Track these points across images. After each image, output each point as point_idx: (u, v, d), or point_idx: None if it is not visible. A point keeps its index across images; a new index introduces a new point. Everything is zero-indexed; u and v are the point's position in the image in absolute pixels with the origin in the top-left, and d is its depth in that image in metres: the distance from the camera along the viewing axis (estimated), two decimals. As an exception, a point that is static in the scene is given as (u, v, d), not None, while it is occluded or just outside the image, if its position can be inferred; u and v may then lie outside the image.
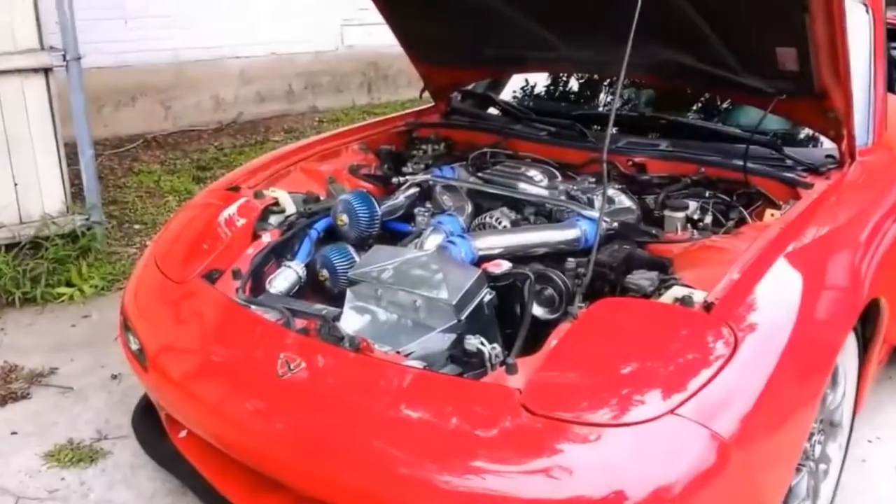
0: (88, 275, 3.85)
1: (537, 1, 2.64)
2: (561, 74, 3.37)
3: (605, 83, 3.21)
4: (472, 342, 1.92)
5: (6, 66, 3.62)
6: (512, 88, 3.44)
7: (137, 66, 5.92)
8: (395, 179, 2.81)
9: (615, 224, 2.31)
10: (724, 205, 2.42)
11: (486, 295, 2.12)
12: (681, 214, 2.32)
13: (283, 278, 2.39)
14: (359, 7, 6.70)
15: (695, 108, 3.00)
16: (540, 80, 3.45)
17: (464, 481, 1.63)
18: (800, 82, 2.30)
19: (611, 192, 2.55)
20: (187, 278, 2.34)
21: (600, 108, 3.20)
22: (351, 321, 2.17)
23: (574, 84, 3.41)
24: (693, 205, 2.36)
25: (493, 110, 3.33)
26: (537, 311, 2.15)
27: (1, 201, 3.77)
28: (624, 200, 2.52)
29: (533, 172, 2.66)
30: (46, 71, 3.72)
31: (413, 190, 2.75)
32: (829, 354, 1.95)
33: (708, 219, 2.34)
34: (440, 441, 1.71)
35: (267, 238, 2.48)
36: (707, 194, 2.44)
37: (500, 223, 2.47)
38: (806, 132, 2.70)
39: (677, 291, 1.90)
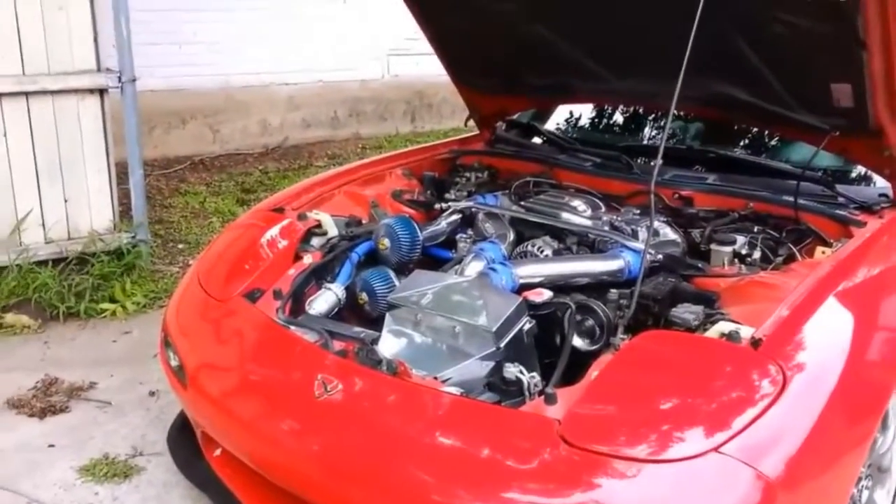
0: (132, 291, 3.91)
1: (586, 32, 2.65)
2: (606, 106, 3.37)
3: (651, 116, 3.19)
4: (511, 370, 1.89)
5: (64, 86, 3.73)
6: (556, 119, 3.45)
7: (188, 90, 6.06)
8: (437, 206, 2.82)
9: (660, 256, 2.28)
10: (772, 241, 2.37)
11: (526, 323, 2.10)
12: (728, 249, 2.28)
13: (323, 300, 2.40)
14: (406, 37, 6.79)
15: (742, 142, 2.96)
16: (585, 112, 3.44)
17: (498, 512, 1.59)
18: (854, 119, 2.26)
19: (656, 224, 2.52)
20: (229, 297, 2.36)
21: (646, 141, 3.18)
22: (389, 345, 2.16)
23: (619, 116, 3.40)
24: (741, 239, 2.32)
25: (537, 140, 3.33)
26: (578, 341, 2.12)
27: (51, 217, 3.86)
28: (669, 233, 2.48)
29: (576, 202, 2.65)
30: (102, 92, 3.83)
31: (455, 216, 2.75)
32: (880, 397, 1.89)
33: (756, 254, 2.30)
34: (474, 469, 1.68)
35: (308, 259, 2.50)
36: (755, 229, 2.39)
37: (541, 252, 2.45)
38: (858, 170, 2.64)
39: (724, 326, 1.85)
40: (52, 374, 3.21)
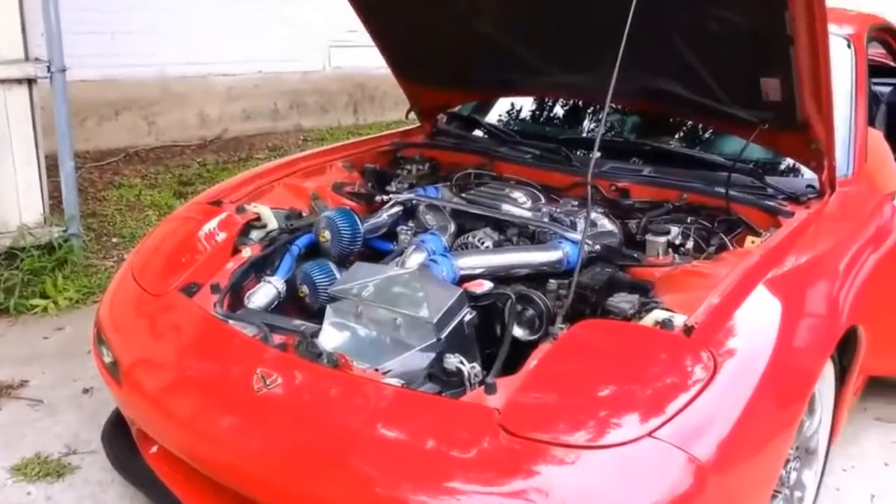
0: (63, 287, 3.79)
1: (527, 26, 2.67)
2: (547, 99, 3.40)
3: (591, 109, 3.24)
4: (452, 361, 1.90)
5: (-11, 75, 3.60)
6: (498, 112, 3.46)
7: (122, 81, 5.89)
8: (378, 198, 2.80)
9: (597, 247, 2.32)
10: (705, 231, 2.43)
11: (467, 314, 2.11)
12: (662, 239, 2.32)
13: (263, 293, 2.37)
14: (348, 29, 6.70)
15: (678, 135, 3.02)
16: (525, 105, 3.47)
17: (440, 502, 1.60)
18: (783, 113, 2.32)
19: (593, 215, 2.56)
20: (165, 291, 2.31)
21: (585, 133, 3.22)
22: (330, 338, 2.15)
23: (559, 109, 3.44)
24: (675, 230, 2.37)
25: (478, 133, 3.34)
26: (518, 331, 2.15)
27: (-22, 211, 3.72)
28: (606, 224, 2.53)
29: (517, 194, 2.67)
30: (30, 82, 3.69)
31: (396, 209, 2.75)
32: (807, 381, 1.96)
33: (689, 244, 2.35)
34: (417, 460, 1.69)
35: (247, 253, 2.46)
36: (689, 220, 2.45)
37: (482, 243, 2.47)
38: (787, 162, 2.72)
39: (658, 315, 1.90)
40: (-20, 372, 3.10)
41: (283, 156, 6.22)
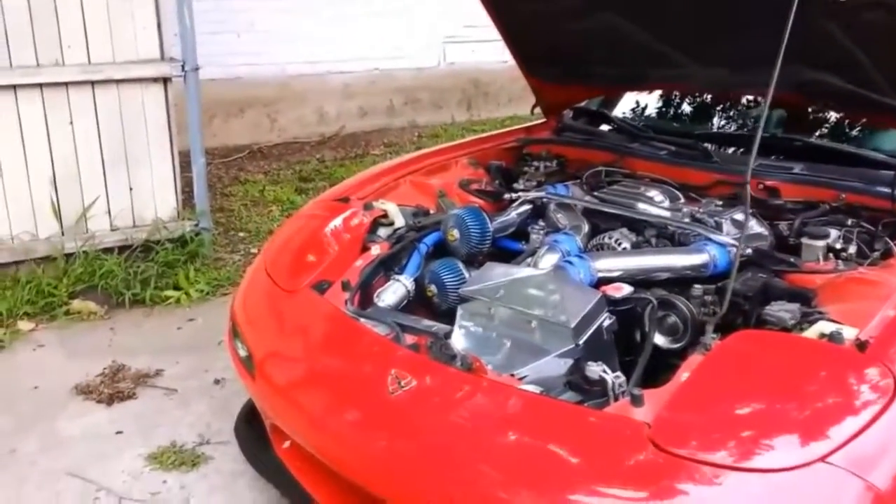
0: (195, 279, 3.93)
1: (660, 17, 2.53)
2: (674, 94, 3.23)
3: (720, 105, 3.05)
4: (594, 369, 1.80)
5: (128, 75, 3.75)
6: (623, 108, 3.33)
7: (246, 79, 6.09)
8: (506, 196, 2.73)
9: (749, 250, 2.16)
10: (867, 234, 2.22)
11: (606, 319, 2.01)
12: (821, 243, 2.14)
13: (392, 292, 2.34)
14: (463, 24, 6.71)
15: (824, 130, 2.80)
16: (651, 101, 3.32)
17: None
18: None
19: (738, 216, 2.40)
20: (297, 288, 2.32)
21: (726, 129, 3.04)
22: (460, 340, 2.09)
23: (686, 104, 3.26)
24: (834, 233, 2.18)
25: (606, 128, 3.22)
26: (659, 339, 2.03)
27: (116, 205, 3.89)
28: (755, 226, 2.36)
29: (653, 193, 2.54)
30: (165, 81, 3.84)
31: (525, 207, 2.67)
32: None
33: (852, 248, 2.16)
34: (558, 472, 1.60)
35: (376, 250, 2.44)
36: (849, 222, 2.25)
37: (619, 245, 2.35)
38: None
39: (824, 326, 1.74)
40: (119, 360, 3.24)
41: (398, 152, 6.30)
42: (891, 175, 2.29)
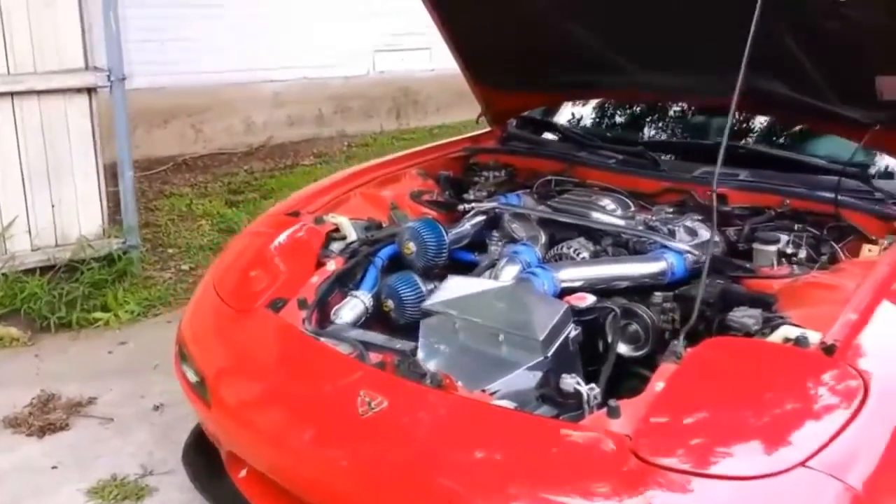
0: (124, 300, 3.75)
1: (612, 23, 2.55)
2: (609, 101, 3.26)
3: (672, 110, 3.11)
4: (569, 381, 1.79)
5: (49, 86, 3.56)
6: (564, 116, 3.34)
7: (170, 88, 5.87)
8: (461, 206, 2.69)
9: (703, 258, 2.19)
10: (814, 239, 2.29)
11: (572, 330, 2.00)
12: (773, 248, 2.20)
13: (350, 308, 2.27)
14: (393, 33, 6.66)
15: (769, 137, 2.88)
16: (591, 108, 3.34)
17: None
18: (897, 112, 2.19)
19: (689, 223, 2.44)
20: (251, 307, 2.22)
21: (656, 137, 3.08)
22: (425, 356, 2.04)
23: (630, 111, 3.31)
24: (784, 238, 2.24)
25: (550, 136, 3.22)
26: (621, 347, 2.04)
27: (38, 223, 3.69)
28: (704, 233, 2.40)
29: (605, 202, 2.55)
30: (90, 91, 3.65)
31: (479, 218, 2.64)
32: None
33: (802, 253, 2.22)
34: (542, 488, 1.57)
35: (332, 266, 2.37)
36: (796, 227, 2.31)
37: (577, 254, 2.35)
38: (886, 163, 2.57)
39: (788, 331, 1.77)
40: (49, 389, 3.05)
41: (329, 162, 6.20)
42: (833, 180, 2.37)
